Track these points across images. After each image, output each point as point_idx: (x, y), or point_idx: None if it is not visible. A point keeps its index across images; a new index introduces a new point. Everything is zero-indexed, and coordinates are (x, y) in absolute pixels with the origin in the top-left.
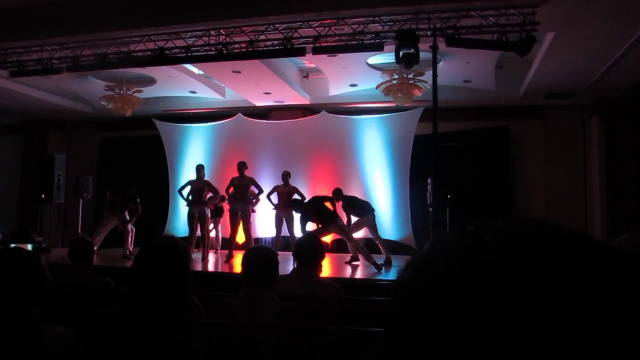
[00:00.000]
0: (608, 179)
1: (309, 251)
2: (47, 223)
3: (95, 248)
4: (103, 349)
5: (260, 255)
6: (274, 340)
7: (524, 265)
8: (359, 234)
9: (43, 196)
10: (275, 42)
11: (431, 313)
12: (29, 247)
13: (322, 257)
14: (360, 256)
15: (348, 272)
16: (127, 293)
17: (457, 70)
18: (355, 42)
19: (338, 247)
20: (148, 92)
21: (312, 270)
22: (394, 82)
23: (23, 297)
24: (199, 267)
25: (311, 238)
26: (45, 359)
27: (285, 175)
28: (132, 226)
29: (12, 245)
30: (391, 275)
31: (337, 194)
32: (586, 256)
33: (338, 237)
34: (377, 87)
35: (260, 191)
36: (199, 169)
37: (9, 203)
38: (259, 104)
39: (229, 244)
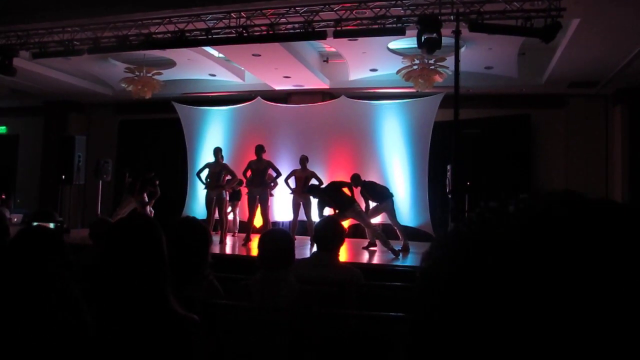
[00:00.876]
0: (630, 169)
1: (328, 235)
2: (67, 204)
3: None
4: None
5: (277, 238)
6: (289, 322)
7: (551, 235)
8: (376, 220)
9: (63, 177)
10: (296, 25)
11: (457, 289)
12: (51, 225)
13: (342, 242)
14: (377, 242)
15: (365, 257)
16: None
17: (478, 56)
18: (377, 26)
19: (355, 232)
20: (168, 74)
21: (332, 254)
22: (415, 67)
23: (64, 272)
24: (216, 249)
25: (331, 222)
26: (87, 335)
27: (303, 160)
28: (151, 208)
29: (35, 224)
30: (408, 261)
31: (356, 179)
32: (618, 222)
33: (355, 222)
34: (398, 72)
35: (278, 175)
36: (217, 152)
37: (30, 184)
38: (278, 87)
39: (246, 227)
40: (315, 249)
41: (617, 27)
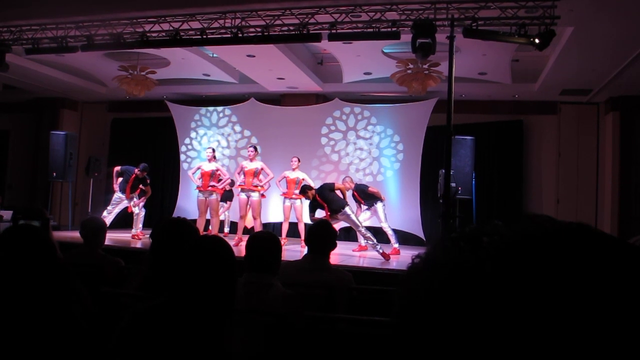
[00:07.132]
0: (621, 177)
1: (320, 238)
2: (57, 201)
3: None
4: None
5: (263, 240)
6: (274, 326)
7: (521, 270)
8: (367, 223)
9: (54, 174)
10: (291, 27)
11: (426, 313)
12: (37, 223)
13: (334, 245)
14: (367, 245)
15: (355, 260)
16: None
17: (472, 62)
18: (372, 30)
19: (345, 235)
20: (162, 73)
21: (323, 257)
22: (409, 72)
23: (68, 267)
24: None
25: (323, 225)
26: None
27: (295, 162)
28: (143, 207)
29: (21, 222)
30: (399, 265)
31: (347, 182)
32: (593, 252)
33: (346, 225)
34: (392, 76)
35: (271, 176)
36: (210, 152)
37: (21, 181)
38: (272, 89)
39: (237, 228)
40: (306, 251)
41: (610, 36)
